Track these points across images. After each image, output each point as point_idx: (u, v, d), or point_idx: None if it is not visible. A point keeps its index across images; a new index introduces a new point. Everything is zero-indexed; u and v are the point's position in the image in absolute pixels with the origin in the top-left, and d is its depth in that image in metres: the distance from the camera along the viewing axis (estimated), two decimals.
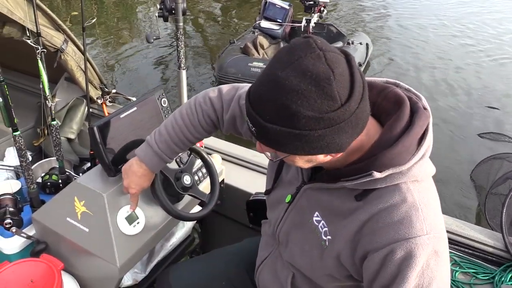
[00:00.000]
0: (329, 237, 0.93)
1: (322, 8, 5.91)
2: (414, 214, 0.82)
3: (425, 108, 0.87)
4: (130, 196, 1.31)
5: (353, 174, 0.85)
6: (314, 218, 0.97)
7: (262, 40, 5.80)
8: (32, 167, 1.58)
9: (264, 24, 6.11)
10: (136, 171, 1.24)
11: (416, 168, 0.83)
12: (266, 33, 6.10)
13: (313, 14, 5.92)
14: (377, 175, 0.82)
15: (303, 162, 0.86)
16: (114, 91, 2.49)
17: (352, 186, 0.87)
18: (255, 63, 5.10)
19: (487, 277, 1.50)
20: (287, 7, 6.14)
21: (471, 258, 1.57)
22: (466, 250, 1.58)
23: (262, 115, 0.77)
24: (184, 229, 1.78)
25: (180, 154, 1.30)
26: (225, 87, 1.20)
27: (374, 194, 0.86)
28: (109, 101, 2.49)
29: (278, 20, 6.12)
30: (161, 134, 1.21)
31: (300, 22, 5.95)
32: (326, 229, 0.94)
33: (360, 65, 5.56)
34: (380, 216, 0.84)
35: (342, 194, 0.91)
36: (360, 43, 5.87)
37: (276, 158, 0.88)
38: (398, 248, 0.81)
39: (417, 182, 0.85)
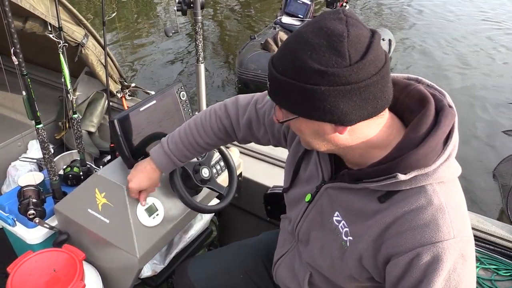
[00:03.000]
0: (350, 238, 0.92)
1: (344, 4, 5.84)
2: (440, 217, 0.79)
3: (450, 106, 0.84)
4: (129, 191, 1.31)
5: (377, 175, 0.83)
6: (334, 218, 0.96)
7: (283, 36, 5.74)
8: (54, 159, 1.61)
9: (286, 19, 6.05)
10: (143, 167, 1.27)
11: (442, 169, 0.81)
12: (287, 29, 6.02)
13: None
14: (401, 177, 0.79)
15: (310, 133, 0.85)
16: (133, 85, 2.52)
17: (375, 187, 0.85)
18: None
19: (509, 273, 1.47)
20: (309, 3, 6.06)
21: (492, 254, 1.54)
22: (488, 246, 1.56)
23: (276, 67, 0.80)
24: (202, 221, 1.79)
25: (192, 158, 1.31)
26: (242, 96, 1.23)
27: (398, 196, 0.83)
28: (129, 95, 2.52)
29: (300, 15, 6.05)
30: (174, 136, 1.24)
31: None
32: (347, 229, 0.93)
33: None
34: (405, 219, 0.81)
35: (365, 195, 0.89)
36: (383, 39, 5.78)
37: (283, 120, 0.87)
38: (424, 252, 0.78)
39: (443, 183, 0.83)
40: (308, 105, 0.78)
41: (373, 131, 0.83)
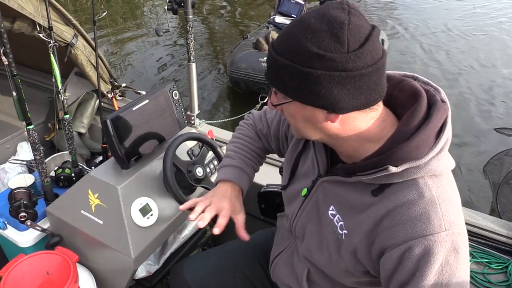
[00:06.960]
0: (345, 231, 0.92)
1: None
2: (432, 210, 0.79)
3: (443, 101, 0.85)
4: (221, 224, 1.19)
5: (370, 168, 0.84)
6: (329, 212, 0.96)
7: (274, 35, 5.67)
8: (45, 161, 1.59)
9: (279, 19, 6.05)
10: (223, 191, 1.20)
11: (433, 162, 0.81)
12: (280, 28, 5.99)
13: None
14: (393, 169, 0.80)
15: (302, 120, 0.86)
16: (124, 85, 2.50)
17: (368, 180, 0.85)
18: (266, 58, 5.02)
19: (501, 267, 1.50)
20: (302, 2, 6.05)
21: (484, 248, 1.56)
22: (480, 240, 1.57)
23: (276, 49, 0.82)
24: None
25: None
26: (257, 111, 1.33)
27: (391, 189, 0.84)
28: (119, 95, 2.50)
29: (293, 15, 6.04)
30: (227, 153, 1.28)
31: None
32: (341, 223, 0.93)
33: None
34: (397, 212, 0.82)
35: (359, 188, 0.89)
36: None
37: (277, 103, 0.88)
38: (416, 245, 0.79)
39: (435, 176, 0.83)
40: (303, 88, 0.79)
41: (365, 124, 0.84)
